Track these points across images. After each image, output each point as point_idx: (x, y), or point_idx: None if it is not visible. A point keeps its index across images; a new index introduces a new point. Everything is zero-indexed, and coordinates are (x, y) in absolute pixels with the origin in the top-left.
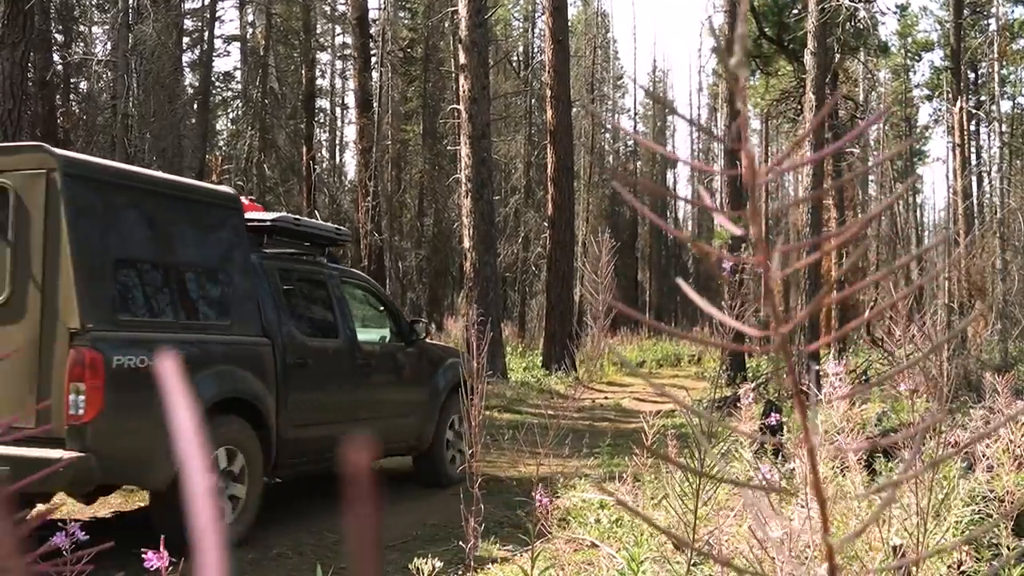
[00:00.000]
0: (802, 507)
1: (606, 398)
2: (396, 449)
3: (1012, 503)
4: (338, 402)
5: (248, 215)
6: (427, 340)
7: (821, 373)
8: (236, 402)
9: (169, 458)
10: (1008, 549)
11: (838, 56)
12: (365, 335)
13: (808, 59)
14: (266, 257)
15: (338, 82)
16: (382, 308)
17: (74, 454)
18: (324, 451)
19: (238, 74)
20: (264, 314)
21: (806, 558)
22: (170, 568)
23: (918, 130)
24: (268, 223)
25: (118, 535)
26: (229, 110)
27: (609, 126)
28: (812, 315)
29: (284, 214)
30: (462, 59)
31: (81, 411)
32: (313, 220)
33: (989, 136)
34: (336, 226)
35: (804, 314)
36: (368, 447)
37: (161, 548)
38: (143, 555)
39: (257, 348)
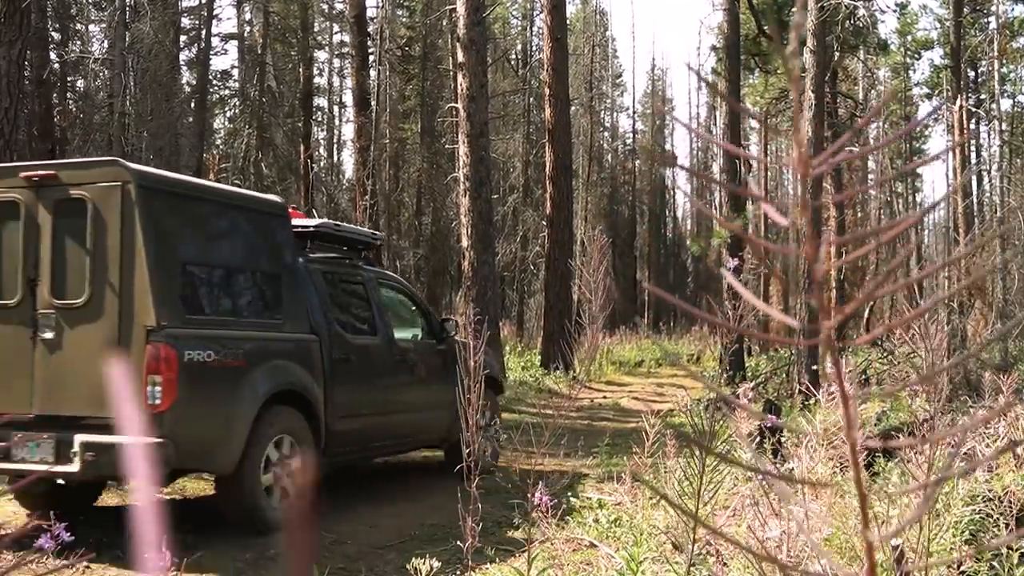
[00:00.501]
0: (800, 507)
1: (605, 397)
2: (429, 441)
3: (1013, 503)
4: (378, 396)
5: (293, 221)
6: (456, 337)
7: (820, 373)
8: (290, 394)
9: (233, 444)
10: (1010, 549)
11: (838, 54)
12: (400, 333)
13: (807, 57)
14: (311, 260)
15: (336, 80)
16: (414, 307)
17: (156, 440)
18: (366, 441)
19: (235, 72)
20: (311, 313)
21: (804, 557)
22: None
23: (917, 128)
24: (311, 229)
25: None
26: (226, 108)
27: (608, 124)
28: (811, 313)
29: (326, 220)
30: (460, 57)
31: (158, 401)
32: (351, 225)
33: (989, 134)
34: (371, 230)
35: (852, 308)
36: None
37: (163, 547)
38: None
39: (307, 345)
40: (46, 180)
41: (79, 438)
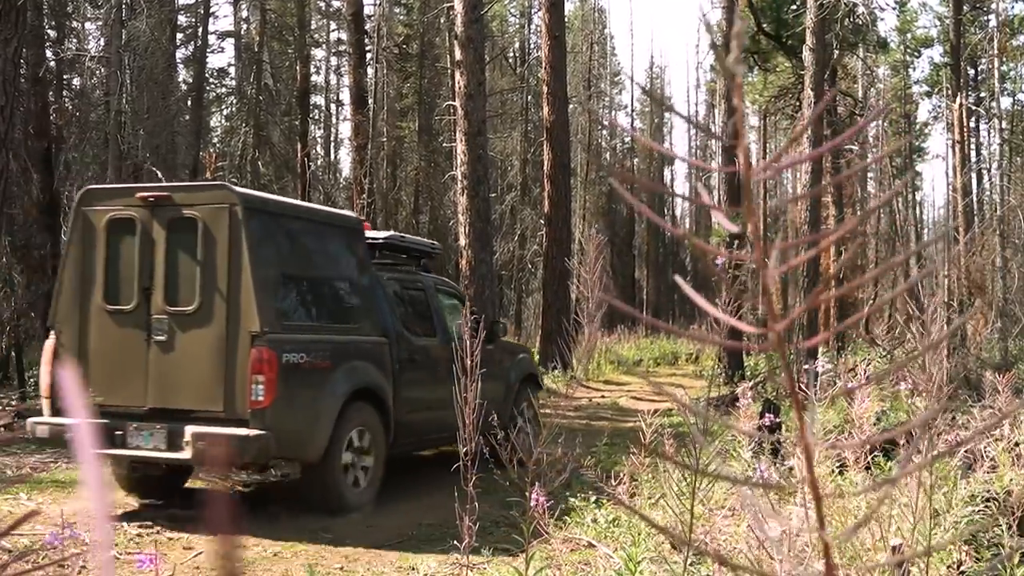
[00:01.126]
0: (801, 506)
1: (603, 397)
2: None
3: (1015, 502)
4: (437, 392)
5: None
6: (503, 338)
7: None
8: (366, 391)
9: (320, 436)
10: (1011, 550)
11: (837, 52)
12: (456, 334)
13: (807, 55)
14: (380, 269)
15: (333, 78)
16: (462, 304)
17: (258, 432)
18: (427, 433)
19: (232, 70)
20: (382, 318)
21: (805, 557)
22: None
23: (917, 127)
24: (380, 240)
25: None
26: (223, 106)
27: (606, 123)
28: (810, 312)
29: (393, 233)
30: (458, 55)
31: (261, 398)
32: (414, 237)
33: (989, 133)
34: (432, 242)
35: (799, 311)
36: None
37: (154, 551)
38: (137, 558)
39: (379, 346)
40: (160, 200)
41: (190, 429)
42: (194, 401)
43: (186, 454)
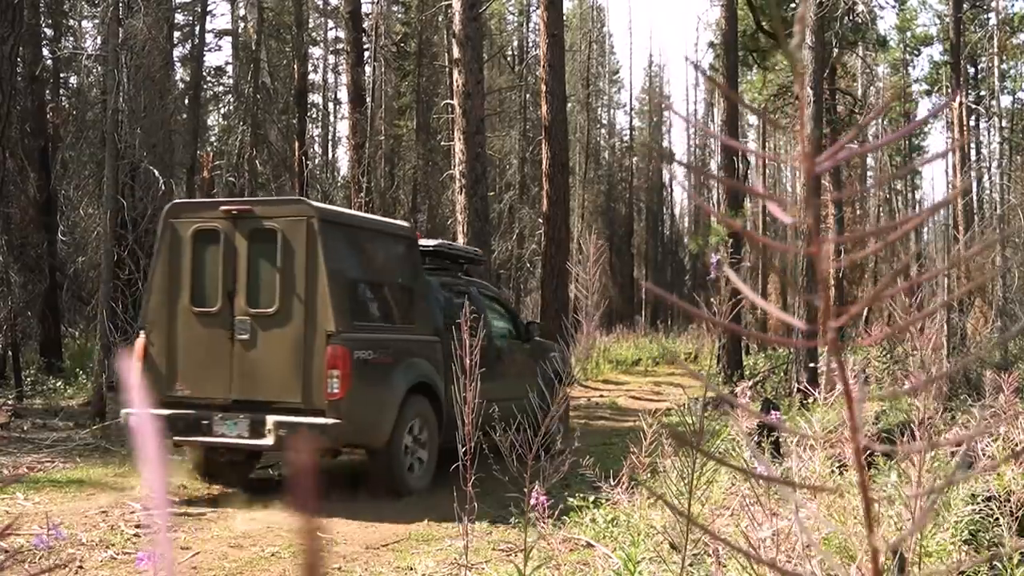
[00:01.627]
0: (801, 507)
1: (602, 396)
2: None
3: (1016, 502)
4: (482, 386)
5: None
6: (537, 338)
7: (821, 372)
8: (422, 385)
9: (385, 425)
10: (1011, 549)
11: (836, 50)
12: (496, 334)
13: (806, 53)
14: (431, 274)
15: (331, 77)
16: (505, 312)
17: (334, 420)
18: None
19: (229, 69)
20: (434, 318)
21: (802, 557)
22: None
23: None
24: (430, 248)
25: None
26: (220, 105)
27: (605, 121)
28: (809, 311)
29: (441, 241)
30: (456, 54)
31: (336, 390)
32: (459, 244)
33: (989, 131)
34: (475, 248)
35: (857, 309)
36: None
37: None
38: (137, 556)
39: (433, 345)
40: (242, 213)
41: (271, 418)
42: (274, 393)
43: (268, 441)
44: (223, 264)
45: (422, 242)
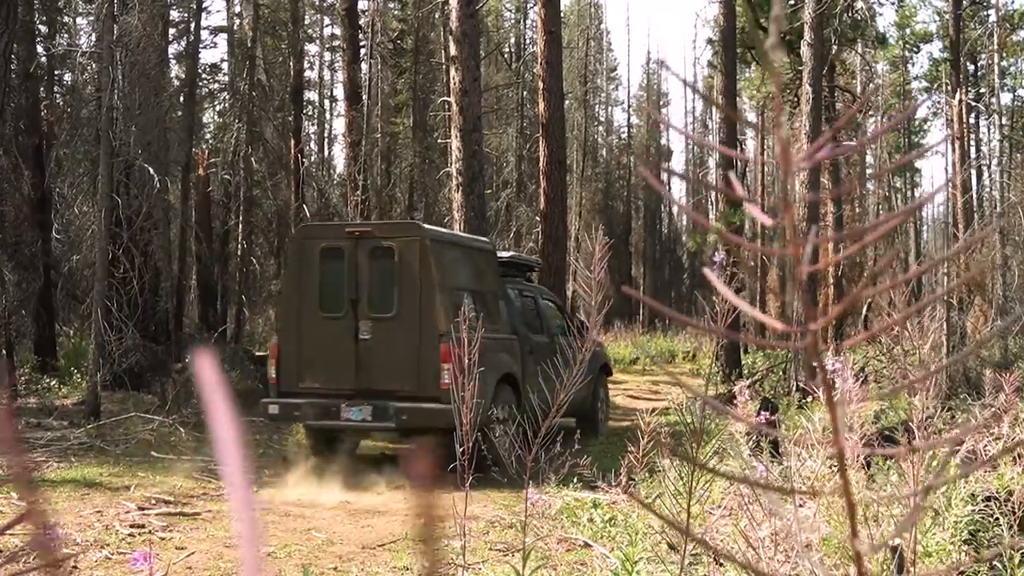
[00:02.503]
0: (800, 506)
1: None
2: (570, 412)
3: (1016, 502)
4: (548, 378)
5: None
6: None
7: (806, 377)
8: (508, 376)
9: (484, 410)
10: (1012, 549)
11: (835, 48)
12: (556, 331)
13: (805, 50)
14: (506, 281)
15: (327, 74)
16: (561, 313)
17: (447, 406)
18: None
19: (225, 66)
20: (512, 320)
21: (799, 557)
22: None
23: (916, 122)
24: (504, 259)
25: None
26: (216, 103)
27: (603, 119)
28: (808, 311)
29: (513, 253)
30: (453, 51)
31: (447, 380)
32: (524, 255)
33: (989, 129)
34: (536, 258)
35: (837, 310)
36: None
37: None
38: (132, 556)
39: (512, 342)
40: (364, 234)
41: (393, 404)
42: (393, 384)
43: (391, 423)
44: (347, 277)
45: (498, 254)
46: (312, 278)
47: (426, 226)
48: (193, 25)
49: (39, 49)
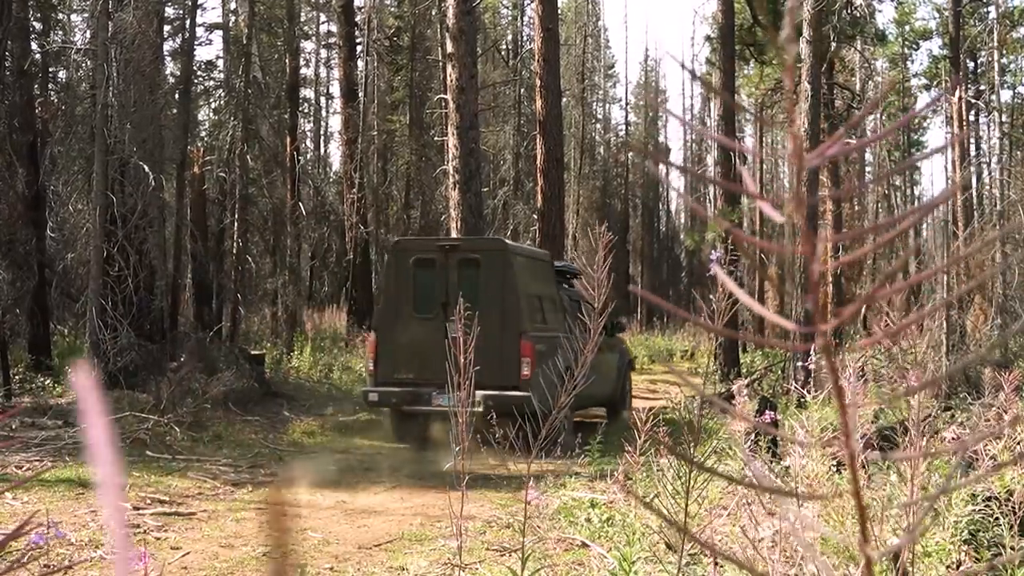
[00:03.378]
0: (800, 506)
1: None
2: (603, 401)
3: (1016, 502)
4: (599, 369)
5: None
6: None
7: (814, 375)
8: (567, 369)
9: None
10: (1012, 550)
11: (834, 45)
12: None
13: (803, 47)
14: (560, 287)
15: (323, 71)
16: None
17: (526, 394)
18: (586, 399)
19: (220, 63)
20: (566, 319)
21: (799, 557)
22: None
23: (916, 120)
24: (558, 267)
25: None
26: (211, 100)
27: (600, 116)
28: (806, 310)
29: (565, 262)
30: (449, 48)
31: (527, 372)
32: (570, 264)
33: (989, 126)
34: (577, 267)
35: (850, 311)
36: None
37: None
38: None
39: (569, 340)
40: (453, 247)
41: (480, 392)
42: (480, 375)
43: (479, 408)
44: (438, 283)
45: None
46: (407, 284)
47: (508, 241)
48: (188, 22)
49: (33, 46)
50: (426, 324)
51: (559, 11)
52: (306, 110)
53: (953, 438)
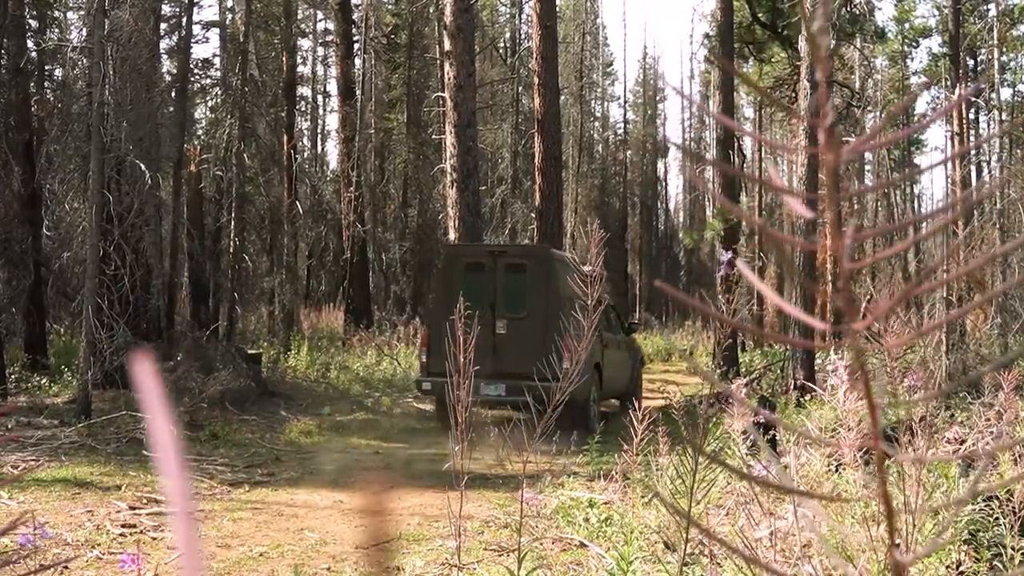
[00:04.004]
0: (798, 505)
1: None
2: (621, 393)
3: (1016, 502)
4: (619, 366)
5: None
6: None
7: (818, 369)
8: (596, 364)
9: (587, 388)
10: (1012, 550)
11: (834, 42)
12: (615, 330)
13: (803, 45)
14: None
15: (320, 69)
16: (616, 315)
17: (564, 384)
18: (613, 389)
19: (217, 61)
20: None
21: (797, 558)
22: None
23: (915, 118)
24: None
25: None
26: (208, 98)
27: (598, 114)
28: (806, 307)
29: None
30: (447, 45)
31: (566, 365)
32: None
33: (989, 125)
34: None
35: (885, 307)
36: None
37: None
38: (120, 558)
39: (597, 337)
40: (500, 253)
41: (524, 383)
42: (523, 367)
43: (524, 397)
44: (486, 285)
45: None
46: (457, 285)
47: (552, 249)
48: (185, 19)
49: (29, 44)
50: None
51: (557, 9)
52: (303, 108)
53: (954, 438)
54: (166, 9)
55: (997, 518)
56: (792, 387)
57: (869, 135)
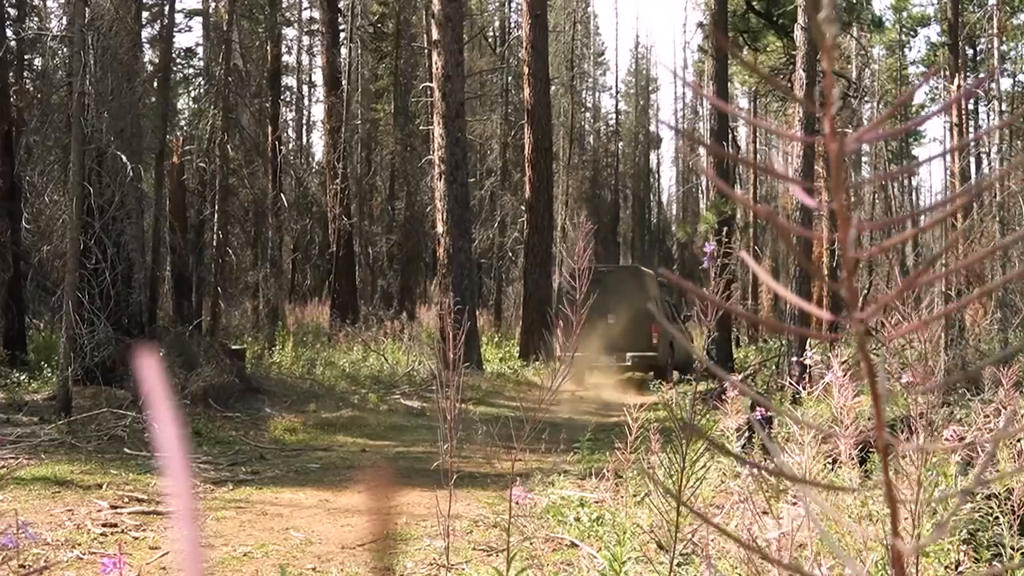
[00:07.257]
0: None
1: (586, 390)
2: (684, 364)
3: (1016, 501)
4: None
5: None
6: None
7: (811, 364)
8: (670, 343)
9: (665, 355)
10: (1012, 549)
11: None
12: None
13: (798, 34)
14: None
15: (305, 59)
16: (675, 310)
17: (655, 354)
18: (680, 360)
19: (200, 50)
20: (664, 310)
21: (799, 558)
22: None
23: (913, 109)
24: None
25: None
26: (191, 88)
27: (590, 105)
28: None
29: (660, 270)
30: (435, 35)
31: (655, 341)
32: (662, 271)
33: (988, 115)
34: (662, 270)
35: (891, 296)
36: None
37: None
38: (101, 562)
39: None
40: (608, 272)
41: (629, 354)
42: (627, 346)
43: (628, 363)
44: (601, 290)
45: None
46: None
47: (641, 267)
48: (167, 8)
49: (8, 33)
50: (594, 316)
51: None
52: (288, 99)
53: (953, 435)
54: None
55: (996, 517)
56: (787, 383)
57: (874, 124)
